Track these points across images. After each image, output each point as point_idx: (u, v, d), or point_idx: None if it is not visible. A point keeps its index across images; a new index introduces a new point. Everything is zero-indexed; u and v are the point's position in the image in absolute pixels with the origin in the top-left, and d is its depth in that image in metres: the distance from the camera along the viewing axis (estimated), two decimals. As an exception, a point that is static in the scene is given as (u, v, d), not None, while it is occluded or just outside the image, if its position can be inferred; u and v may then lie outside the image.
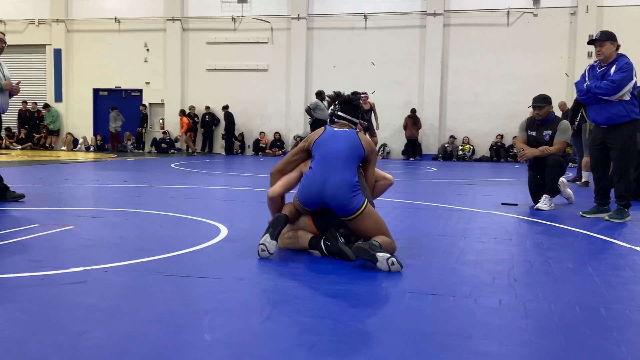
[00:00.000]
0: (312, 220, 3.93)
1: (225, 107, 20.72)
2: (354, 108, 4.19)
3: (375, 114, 14.43)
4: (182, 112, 21.15)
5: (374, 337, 2.33)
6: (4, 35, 6.53)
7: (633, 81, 5.60)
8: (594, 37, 5.85)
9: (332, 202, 3.75)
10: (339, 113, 4.16)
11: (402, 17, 19.79)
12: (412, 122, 19.24)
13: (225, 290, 2.99)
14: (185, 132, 20.92)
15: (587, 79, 5.87)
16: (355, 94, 4.88)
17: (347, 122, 4.15)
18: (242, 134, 21.22)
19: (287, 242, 3.94)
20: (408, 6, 19.79)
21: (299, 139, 19.00)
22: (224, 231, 4.65)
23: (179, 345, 2.21)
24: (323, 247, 3.75)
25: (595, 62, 5.94)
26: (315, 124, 13.23)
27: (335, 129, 4.06)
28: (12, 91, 6.50)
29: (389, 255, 3.40)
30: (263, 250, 3.67)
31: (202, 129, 21.34)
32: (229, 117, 20.68)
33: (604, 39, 5.74)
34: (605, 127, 5.80)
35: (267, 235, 3.68)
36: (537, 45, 18.84)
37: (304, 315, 2.61)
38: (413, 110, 19.31)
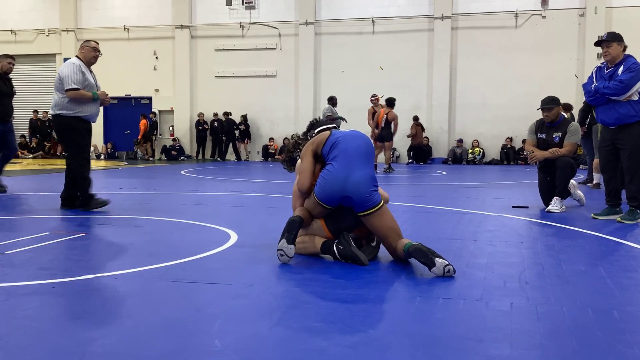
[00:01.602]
0: (325, 223, 3.93)
1: (227, 114, 20.83)
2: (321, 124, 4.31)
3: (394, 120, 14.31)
4: (144, 116, 21.13)
5: (384, 342, 2.33)
6: (98, 44, 6.45)
7: (642, 81, 5.57)
8: (600, 39, 5.83)
9: (354, 195, 3.75)
10: (321, 128, 4.20)
11: (410, 21, 19.79)
12: (420, 128, 19.32)
13: (235, 295, 3.00)
14: (142, 136, 20.82)
15: (594, 80, 5.85)
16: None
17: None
18: (245, 116, 21.06)
19: (300, 247, 3.92)
20: (416, 10, 19.78)
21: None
22: (233, 237, 4.66)
23: (189, 351, 2.22)
24: (336, 251, 3.74)
25: (602, 63, 5.91)
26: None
27: (341, 130, 4.12)
28: (104, 102, 6.45)
29: (447, 263, 3.39)
30: (282, 255, 3.65)
31: (212, 136, 21.40)
32: (230, 124, 20.83)
33: (611, 39, 5.71)
34: (614, 127, 5.77)
35: (284, 240, 3.65)
36: (546, 47, 18.76)
37: (314, 320, 2.60)
38: (416, 118, 19.35)
